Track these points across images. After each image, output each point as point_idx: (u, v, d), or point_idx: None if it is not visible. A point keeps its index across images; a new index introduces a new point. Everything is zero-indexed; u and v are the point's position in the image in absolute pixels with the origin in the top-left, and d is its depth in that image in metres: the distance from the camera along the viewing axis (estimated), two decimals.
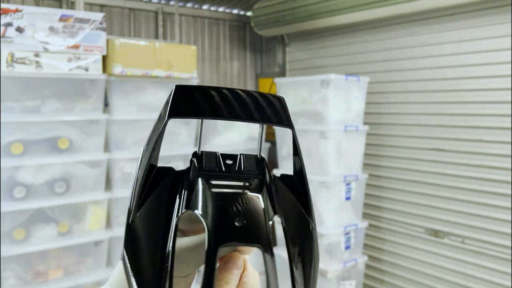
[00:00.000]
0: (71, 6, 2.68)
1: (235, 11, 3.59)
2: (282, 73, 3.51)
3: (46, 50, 2.18)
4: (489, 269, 2.39)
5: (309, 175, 2.73)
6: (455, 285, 2.54)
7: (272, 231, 0.41)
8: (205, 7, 3.43)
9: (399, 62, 2.72)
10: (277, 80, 2.85)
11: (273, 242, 0.41)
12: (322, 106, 2.55)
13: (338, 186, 2.57)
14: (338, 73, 2.63)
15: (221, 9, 3.53)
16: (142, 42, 2.46)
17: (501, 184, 2.31)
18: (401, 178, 2.76)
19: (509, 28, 2.22)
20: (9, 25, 2.09)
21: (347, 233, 2.64)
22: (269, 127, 3.16)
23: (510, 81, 2.24)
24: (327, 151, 2.54)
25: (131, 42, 2.42)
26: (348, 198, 2.63)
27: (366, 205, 2.88)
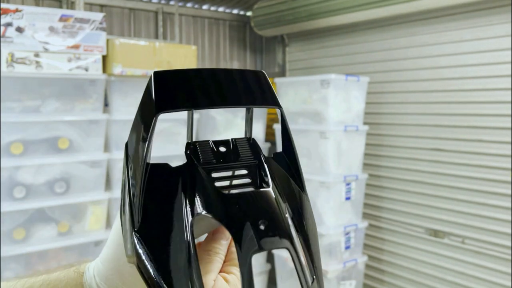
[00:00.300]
0: (71, 6, 2.68)
1: (235, 11, 3.59)
2: (282, 73, 3.51)
3: (46, 50, 2.18)
4: (489, 269, 2.39)
5: (309, 175, 2.71)
6: (455, 285, 2.54)
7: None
8: (205, 7, 3.43)
9: (399, 62, 2.72)
10: (277, 80, 2.85)
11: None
12: (322, 106, 2.55)
13: (338, 186, 2.57)
14: (338, 73, 2.62)
15: (221, 9, 3.53)
16: (142, 42, 2.46)
17: (501, 184, 2.31)
18: (401, 178, 2.76)
19: (509, 28, 2.22)
20: (9, 25, 2.09)
21: (347, 233, 2.64)
22: (269, 127, 3.16)
23: (510, 81, 2.24)
24: (327, 151, 2.54)
25: (131, 42, 2.43)
26: (348, 198, 2.63)
27: (366, 205, 2.88)
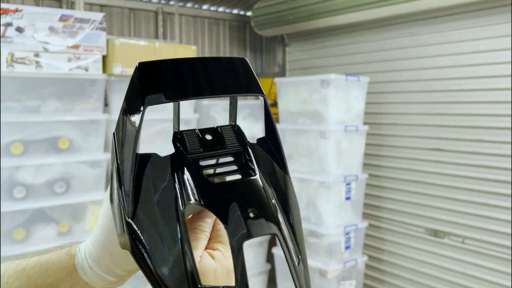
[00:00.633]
0: (71, 6, 2.68)
1: (235, 11, 3.59)
2: (282, 73, 3.51)
3: (46, 50, 2.18)
4: (489, 269, 2.39)
5: (309, 175, 2.71)
6: (455, 285, 2.54)
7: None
8: (205, 7, 3.43)
9: (399, 62, 2.72)
10: (277, 80, 2.85)
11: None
12: (322, 106, 2.55)
13: (338, 186, 2.57)
14: (338, 73, 2.62)
15: (221, 9, 3.53)
16: (142, 42, 2.46)
17: (501, 184, 2.31)
18: (401, 178, 2.76)
19: (509, 28, 2.22)
20: (9, 25, 2.09)
21: (347, 233, 2.64)
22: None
23: (510, 81, 2.24)
24: (327, 151, 2.53)
25: (131, 42, 2.43)
26: (348, 198, 2.63)
27: (366, 205, 2.88)
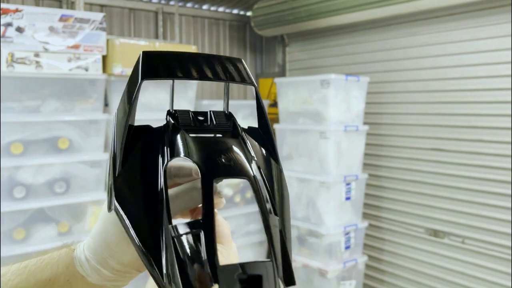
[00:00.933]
0: (71, 6, 2.68)
1: (235, 11, 3.59)
2: (282, 73, 3.51)
3: (46, 50, 2.18)
4: (489, 269, 2.39)
5: (309, 175, 2.71)
6: (455, 285, 2.54)
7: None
8: (205, 7, 3.43)
9: (399, 62, 2.72)
10: (277, 80, 2.85)
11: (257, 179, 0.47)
12: (322, 106, 2.55)
13: (338, 186, 2.57)
14: (338, 73, 2.62)
15: (221, 9, 3.53)
16: (142, 42, 2.46)
17: (501, 184, 2.31)
18: (401, 178, 2.76)
19: (509, 28, 2.22)
20: (9, 25, 2.10)
21: (347, 233, 2.64)
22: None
23: (510, 81, 2.24)
24: (327, 151, 2.54)
25: (131, 42, 2.43)
26: (348, 198, 2.63)
27: (366, 205, 2.88)
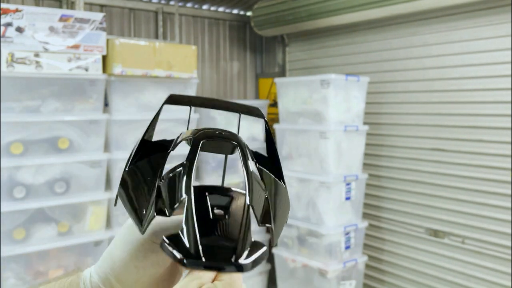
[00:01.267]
0: (71, 6, 2.68)
1: (235, 11, 3.59)
2: (282, 73, 3.51)
3: (46, 50, 2.18)
4: (489, 269, 2.39)
5: (309, 175, 2.72)
6: (455, 285, 2.54)
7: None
8: (205, 7, 3.43)
9: (399, 62, 2.72)
10: (277, 80, 2.85)
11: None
12: (322, 106, 2.55)
13: (338, 186, 2.57)
14: (338, 73, 2.62)
15: (221, 9, 3.53)
16: (142, 42, 2.46)
17: (501, 184, 2.31)
18: (401, 178, 2.76)
19: (509, 28, 2.22)
20: (9, 25, 2.09)
21: (347, 233, 2.64)
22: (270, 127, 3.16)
23: (510, 81, 2.24)
24: (327, 151, 2.54)
25: (131, 42, 2.43)
26: (348, 198, 2.63)
27: (366, 205, 2.88)
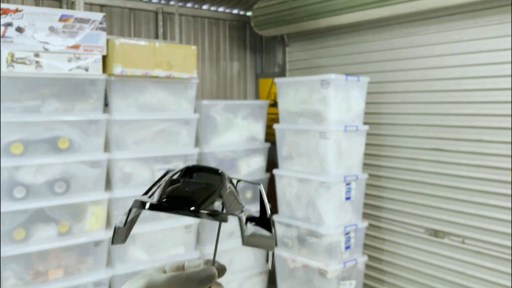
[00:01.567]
0: (71, 6, 2.68)
1: (235, 11, 3.60)
2: (282, 73, 3.51)
3: (46, 50, 2.18)
4: (489, 269, 2.39)
5: (309, 175, 2.71)
6: (455, 285, 2.54)
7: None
8: (205, 7, 3.43)
9: (399, 62, 2.72)
10: (277, 80, 2.85)
11: None
12: (322, 106, 2.55)
13: (338, 186, 2.57)
14: (338, 73, 2.63)
15: (221, 9, 3.53)
16: (142, 42, 2.46)
17: (501, 184, 2.31)
18: (401, 178, 2.76)
19: (509, 28, 2.22)
20: (9, 25, 2.10)
21: (347, 233, 2.65)
22: (269, 127, 3.16)
23: (510, 81, 2.24)
24: (327, 151, 2.54)
25: (131, 42, 2.43)
26: (348, 198, 2.63)
27: (366, 205, 2.88)
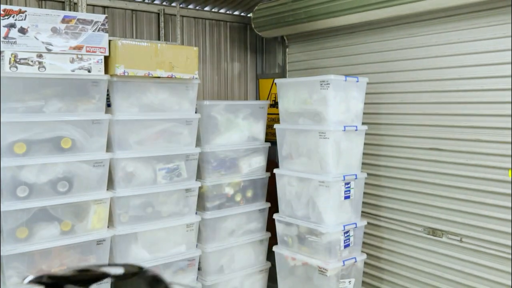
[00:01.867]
0: (74, 7, 2.70)
1: (236, 13, 3.62)
2: (282, 74, 3.53)
3: (49, 51, 2.20)
4: (486, 267, 2.41)
5: (309, 175, 2.74)
6: (453, 283, 2.56)
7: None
8: (206, 8, 3.45)
9: (397, 63, 2.74)
10: (278, 80, 2.87)
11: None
12: (322, 107, 2.57)
13: (337, 185, 2.59)
14: (338, 74, 2.65)
15: (222, 10, 3.55)
16: (144, 43, 2.48)
17: (498, 183, 2.33)
18: (399, 177, 2.79)
19: (508, 29, 2.24)
20: (12, 26, 2.12)
21: (346, 232, 2.67)
22: (269, 127, 3.18)
23: (508, 82, 2.26)
24: (327, 150, 2.56)
25: (133, 43, 2.45)
26: (347, 197, 2.66)
27: (365, 204, 2.90)
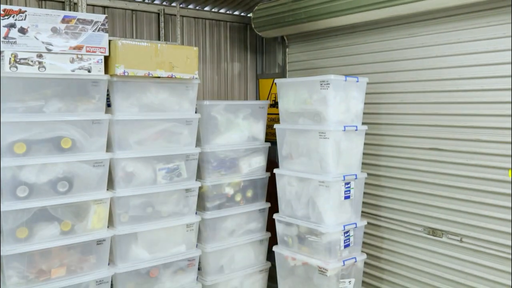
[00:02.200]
0: (74, 7, 2.70)
1: (236, 13, 3.62)
2: (282, 74, 3.53)
3: (49, 51, 2.20)
4: (486, 267, 2.41)
5: (309, 175, 2.74)
6: (453, 283, 2.56)
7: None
8: (206, 8, 3.45)
9: (397, 63, 2.74)
10: (278, 80, 2.87)
11: None
12: (322, 107, 2.57)
13: (337, 185, 2.59)
14: (338, 74, 2.65)
15: (222, 10, 3.55)
16: (144, 43, 2.48)
17: (498, 183, 2.33)
18: (399, 177, 2.79)
19: (508, 29, 2.24)
20: (12, 26, 2.12)
21: (346, 232, 2.67)
22: (269, 127, 3.18)
23: (508, 82, 2.26)
24: (327, 150, 2.56)
25: (133, 43, 2.45)
26: (347, 197, 2.66)
27: (365, 204, 2.90)
